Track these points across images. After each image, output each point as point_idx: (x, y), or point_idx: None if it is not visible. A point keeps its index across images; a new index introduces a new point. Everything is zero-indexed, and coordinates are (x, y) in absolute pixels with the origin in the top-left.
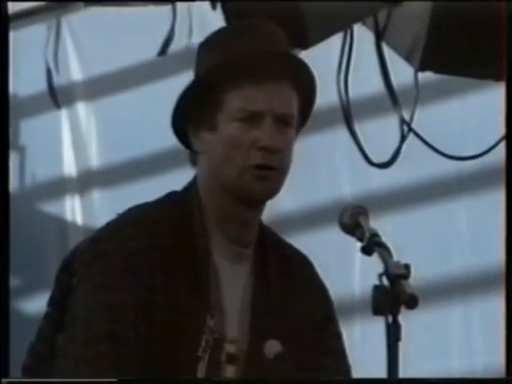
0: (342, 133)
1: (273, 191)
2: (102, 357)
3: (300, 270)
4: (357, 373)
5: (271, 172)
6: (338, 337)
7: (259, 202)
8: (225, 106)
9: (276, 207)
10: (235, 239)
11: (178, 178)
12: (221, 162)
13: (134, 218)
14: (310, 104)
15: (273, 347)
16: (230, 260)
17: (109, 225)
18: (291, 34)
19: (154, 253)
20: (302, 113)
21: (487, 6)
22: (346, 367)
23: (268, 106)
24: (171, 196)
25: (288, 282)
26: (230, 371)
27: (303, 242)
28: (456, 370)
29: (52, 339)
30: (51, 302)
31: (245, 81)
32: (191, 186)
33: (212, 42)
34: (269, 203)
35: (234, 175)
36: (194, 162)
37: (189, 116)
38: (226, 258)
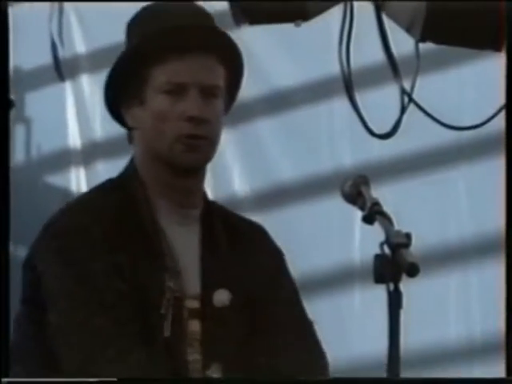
0: (344, 103)
1: (203, 160)
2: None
3: (248, 231)
4: (358, 339)
5: (200, 141)
6: (290, 289)
7: (191, 171)
8: (151, 80)
9: (277, 177)
10: (180, 203)
11: None
12: (152, 135)
13: (82, 199)
14: (237, 78)
15: (221, 297)
16: (178, 223)
17: (57, 211)
18: (292, 5)
19: (105, 225)
20: (230, 86)
21: None
22: (298, 316)
23: (192, 78)
24: (111, 180)
25: (235, 240)
26: (193, 326)
27: (304, 211)
28: (454, 336)
29: (37, 331)
30: (24, 300)
31: (169, 54)
32: (130, 165)
33: (137, 19)
34: (268, 173)
35: (166, 147)
36: (130, 139)
37: (119, 93)
38: (174, 222)
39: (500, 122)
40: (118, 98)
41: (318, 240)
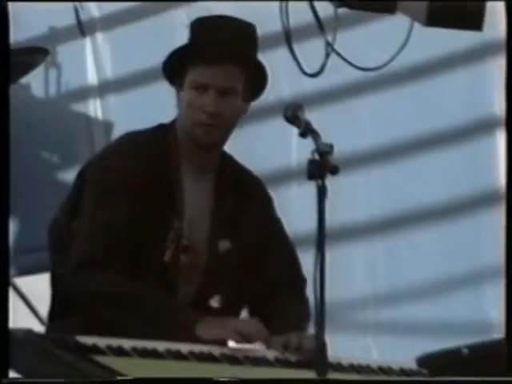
0: (285, 52)
1: (216, 142)
2: (95, 232)
3: (253, 190)
4: (295, 219)
5: (213, 128)
6: (283, 243)
7: (206, 148)
8: (186, 76)
9: None
10: (198, 166)
11: None
12: (183, 115)
13: (129, 141)
14: (256, 81)
15: (224, 245)
16: (195, 181)
17: (109, 147)
18: None
19: (139, 172)
20: (250, 87)
21: None
22: (290, 271)
23: (212, 80)
24: (159, 128)
25: (241, 198)
26: (183, 259)
27: (252, 134)
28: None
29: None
30: (70, 196)
31: (200, 60)
32: (173, 123)
33: (194, 24)
34: None
35: (188, 128)
36: (177, 103)
37: (173, 73)
38: (192, 179)
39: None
40: (172, 76)
41: (269, 149)
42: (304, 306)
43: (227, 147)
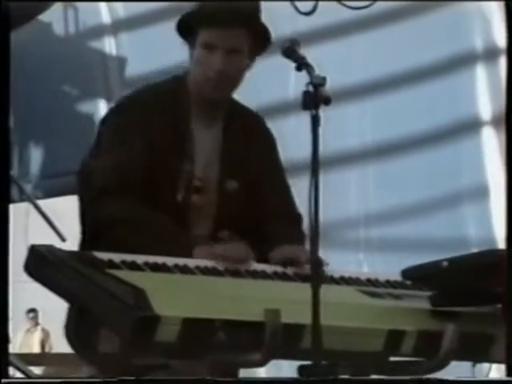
0: None
1: (223, 97)
2: (111, 165)
3: (259, 132)
4: (292, 144)
5: (220, 85)
6: (282, 181)
7: (214, 103)
8: (198, 35)
9: None
10: (208, 115)
11: None
12: (194, 71)
13: (145, 95)
14: (261, 41)
15: (232, 184)
16: (205, 128)
17: (128, 96)
18: None
19: (154, 118)
20: (254, 47)
21: None
22: (288, 205)
23: (221, 41)
24: (173, 80)
25: (248, 141)
26: (195, 198)
27: (253, 69)
28: None
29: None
30: (95, 141)
31: (210, 22)
32: (185, 76)
33: None
34: None
35: (199, 84)
36: (190, 56)
37: (187, 32)
38: (202, 127)
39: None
40: (184, 34)
41: (271, 82)
42: (300, 233)
43: None
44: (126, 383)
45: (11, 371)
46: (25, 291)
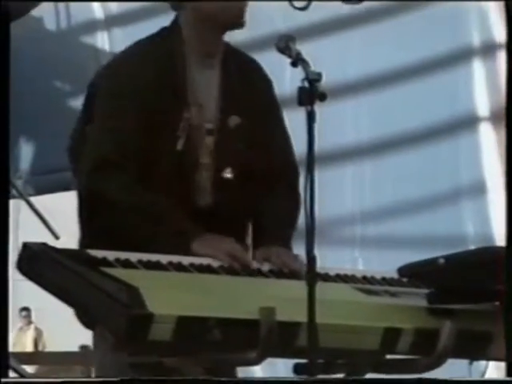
0: None
1: (243, 22)
2: (108, 134)
3: (256, 72)
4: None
5: (245, 8)
6: (280, 119)
7: (231, 28)
8: None
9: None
10: (208, 54)
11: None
12: (219, 3)
13: (135, 51)
14: None
15: (234, 120)
16: (202, 69)
17: (118, 55)
18: None
19: (147, 74)
20: None
21: None
22: (288, 144)
23: None
24: (162, 31)
25: (246, 78)
26: (208, 140)
27: None
28: None
29: (81, 130)
30: (83, 105)
31: None
32: (173, 26)
33: None
34: None
35: (231, 11)
36: (178, 5)
37: None
38: (200, 67)
39: None
40: None
41: None
42: (294, 203)
43: None
44: (125, 383)
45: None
46: (17, 289)
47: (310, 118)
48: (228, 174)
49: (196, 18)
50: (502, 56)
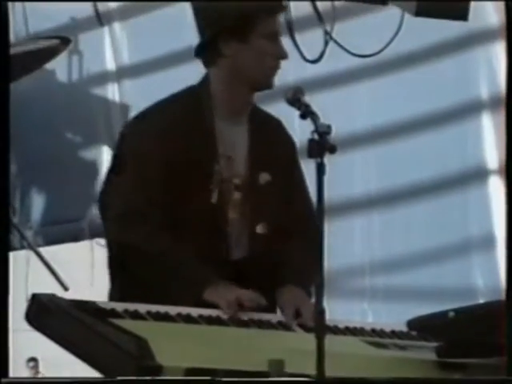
0: (287, 40)
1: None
2: (137, 187)
3: (282, 132)
4: None
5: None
6: (303, 177)
7: (265, 89)
8: (259, 26)
9: None
10: (237, 112)
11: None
12: (251, 65)
13: (160, 105)
14: None
15: (264, 177)
16: (230, 126)
17: (148, 111)
18: None
19: (175, 132)
20: None
21: None
22: (308, 195)
23: (279, 28)
24: (189, 89)
25: (273, 137)
26: (237, 195)
27: None
28: None
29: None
30: (113, 159)
31: (271, 10)
32: (203, 82)
33: None
34: None
35: (261, 74)
36: (210, 63)
37: (220, 27)
38: (229, 124)
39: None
40: (217, 31)
41: None
42: (313, 258)
43: None
44: (126, 383)
45: None
46: (25, 340)
47: (320, 170)
48: (260, 230)
49: (230, 76)
50: None
